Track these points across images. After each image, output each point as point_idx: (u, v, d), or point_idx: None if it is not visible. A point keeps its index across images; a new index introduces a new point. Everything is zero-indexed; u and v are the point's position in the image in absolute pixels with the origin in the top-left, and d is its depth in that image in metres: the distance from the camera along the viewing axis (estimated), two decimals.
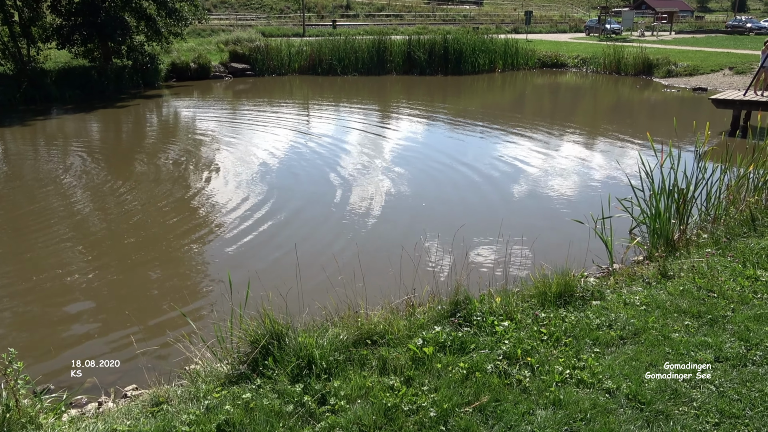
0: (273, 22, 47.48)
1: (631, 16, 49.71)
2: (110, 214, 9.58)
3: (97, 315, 6.43)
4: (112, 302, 6.67)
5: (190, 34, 32.34)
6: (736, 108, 15.13)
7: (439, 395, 3.75)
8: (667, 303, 4.92)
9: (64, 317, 6.40)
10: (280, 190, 10.77)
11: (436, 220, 9.01)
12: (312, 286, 6.54)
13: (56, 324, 6.26)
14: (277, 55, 30.23)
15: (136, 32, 24.99)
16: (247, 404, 3.76)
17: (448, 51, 30.96)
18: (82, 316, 6.41)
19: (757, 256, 5.79)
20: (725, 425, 3.44)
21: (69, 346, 5.86)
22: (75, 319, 6.37)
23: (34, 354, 5.68)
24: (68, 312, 6.50)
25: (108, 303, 6.66)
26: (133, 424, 3.73)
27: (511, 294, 5.15)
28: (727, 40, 39.94)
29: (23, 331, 6.15)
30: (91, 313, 6.48)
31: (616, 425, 3.45)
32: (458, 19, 56.57)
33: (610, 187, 10.46)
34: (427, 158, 13.14)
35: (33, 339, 5.98)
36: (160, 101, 22.72)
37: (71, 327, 6.20)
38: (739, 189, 7.86)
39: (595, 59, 31.04)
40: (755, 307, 4.77)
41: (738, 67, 24.83)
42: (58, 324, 6.26)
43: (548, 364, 4.08)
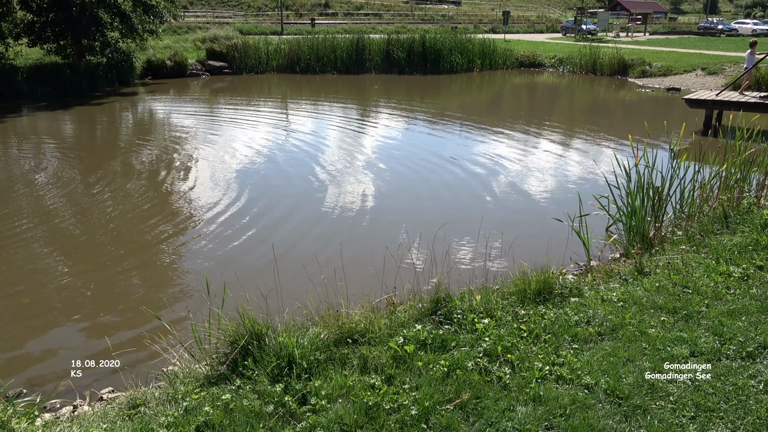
0: (251, 19, 47.06)
1: (606, 17, 50.41)
2: (85, 214, 9.40)
3: (71, 317, 6.29)
4: (87, 304, 6.54)
5: (165, 31, 31.87)
6: (709, 108, 15.44)
7: (421, 393, 3.75)
8: (644, 299, 5.00)
9: (37, 320, 6.25)
10: (259, 189, 10.68)
11: (416, 219, 9.03)
12: (292, 286, 6.49)
13: (29, 327, 6.11)
14: (255, 53, 29.98)
15: (110, 29, 24.55)
16: (226, 405, 3.71)
17: (426, 50, 31.05)
18: (56, 319, 6.27)
19: (730, 252, 5.91)
20: (701, 418, 3.50)
21: (42, 349, 5.72)
22: (49, 322, 6.23)
23: (6, 358, 5.54)
24: (42, 315, 6.35)
25: (83, 305, 6.53)
26: (110, 427, 3.66)
27: (491, 292, 5.18)
28: (700, 42, 40.77)
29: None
30: (65, 315, 6.34)
31: (594, 420, 3.49)
32: (437, 19, 56.77)
33: (587, 186, 10.59)
34: (406, 158, 13.15)
35: (3, 342, 5.83)
36: (135, 99, 22.36)
37: (45, 330, 6.06)
38: (711, 187, 8.02)
39: (572, 59, 31.42)
40: (728, 303, 4.87)
41: (710, 68, 25.35)
42: (31, 327, 6.11)
43: (528, 360, 4.11)
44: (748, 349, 4.16)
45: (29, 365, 5.43)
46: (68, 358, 5.50)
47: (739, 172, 8.02)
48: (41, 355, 5.62)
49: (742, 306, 4.79)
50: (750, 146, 8.29)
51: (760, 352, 4.15)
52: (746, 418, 3.48)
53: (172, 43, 30.46)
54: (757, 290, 5.05)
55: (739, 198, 7.52)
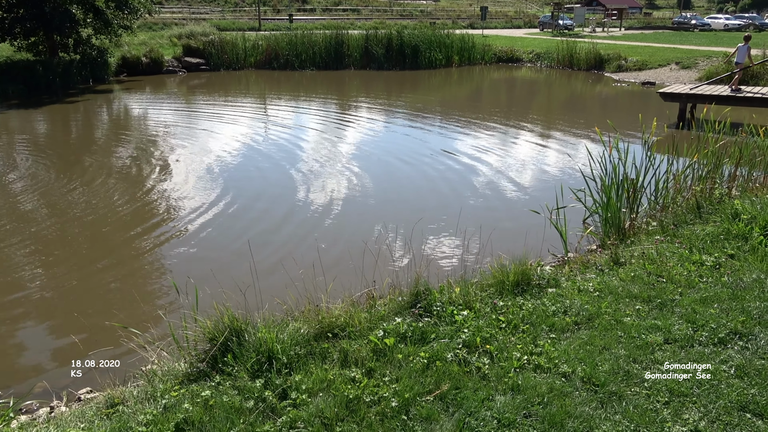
0: (228, 15, 46.59)
1: (582, 13, 50.97)
2: (58, 213, 9.23)
3: (46, 318, 6.19)
4: (62, 304, 6.44)
5: (141, 27, 31.43)
6: (683, 101, 15.71)
7: (401, 385, 3.77)
8: (619, 289, 5.09)
9: (10, 321, 6.14)
10: (237, 185, 10.61)
11: (395, 213, 9.05)
12: (271, 282, 6.47)
13: (2, 328, 6.00)
14: (233, 49, 29.69)
15: (83, 25, 24.09)
16: (206, 402, 3.69)
17: (405, 46, 31.05)
18: (30, 320, 6.16)
19: (703, 242, 6.04)
20: (674, 403, 3.58)
21: (17, 351, 5.63)
22: (23, 323, 6.11)
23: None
24: (15, 316, 6.24)
25: (57, 305, 6.43)
26: (87, 426, 3.63)
27: (470, 284, 5.22)
28: (674, 36, 41.40)
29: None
30: (39, 315, 6.23)
31: (572, 407, 3.55)
32: (415, 14, 56.79)
33: (564, 179, 10.71)
34: (385, 152, 13.17)
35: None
36: (110, 96, 22.01)
37: (19, 331, 5.96)
38: (685, 178, 8.19)
39: (549, 54, 31.69)
40: (701, 291, 4.98)
41: (684, 62, 25.76)
42: (5, 328, 6.00)
43: (506, 350, 4.16)
44: (719, 336, 4.26)
45: (3, 367, 5.33)
46: (44, 359, 5.42)
47: (711, 163, 8.19)
48: (16, 356, 5.53)
49: (714, 294, 4.90)
50: (721, 138, 8.48)
51: (731, 338, 4.26)
52: (718, 402, 3.57)
53: (148, 39, 30.00)
54: (728, 278, 5.17)
55: (711, 189, 7.68)
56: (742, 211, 6.42)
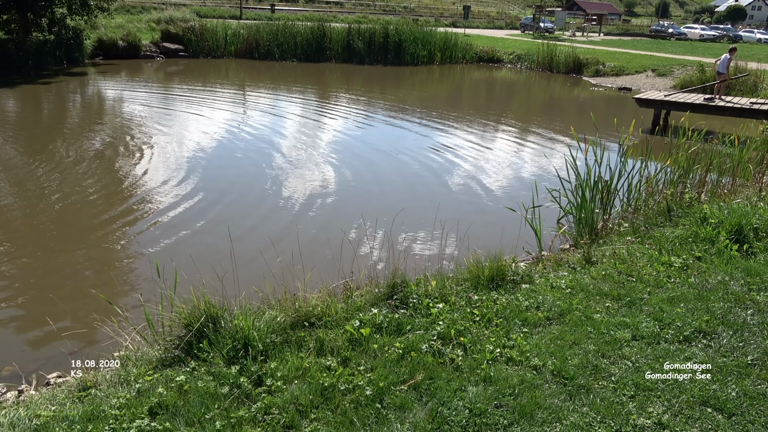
0: (209, 2, 45.92)
1: (563, 17, 51.59)
2: (29, 198, 9.04)
3: (16, 301, 6.07)
4: (33, 289, 6.32)
5: (118, 10, 30.79)
6: (657, 107, 16.07)
7: (375, 374, 3.82)
8: (590, 286, 5.22)
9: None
10: (215, 175, 10.52)
11: (373, 207, 9.09)
12: (249, 271, 6.45)
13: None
14: (213, 36, 29.31)
15: (58, 4, 23.50)
16: (180, 387, 3.69)
17: (388, 41, 31.05)
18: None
19: (672, 243, 6.21)
20: (640, 397, 3.70)
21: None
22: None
23: None
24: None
25: (28, 290, 6.31)
26: (59, 409, 3.59)
27: (446, 278, 5.30)
28: (651, 44, 42.24)
29: None
30: (9, 300, 6.11)
31: (541, 399, 3.65)
32: (398, 10, 56.79)
33: (540, 179, 10.88)
34: (365, 146, 13.19)
35: None
36: (85, 79, 21.54)
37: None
38: (657, 182, 8.40)
39: (530, 56, 32.03)
40: (668, 290, 5.14)
41: (660, 70, 26.30)
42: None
43: (480, 343, 4.24)
44: (684, 334, 4.41)
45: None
46: (13, 343, 5.33)
47: (682, 169, 8.42)
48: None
49: (681, 294, 5.06)
50: (693, 145, 8.72)
51: (695, 336, 4.41)
52: (681, 396, 3.70)
53: (125, 22, 29.44)
54: (695, 279, 5.34)
55: (681, 193, 7.89)
56: (710, 216, 6.63)
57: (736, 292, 5.06)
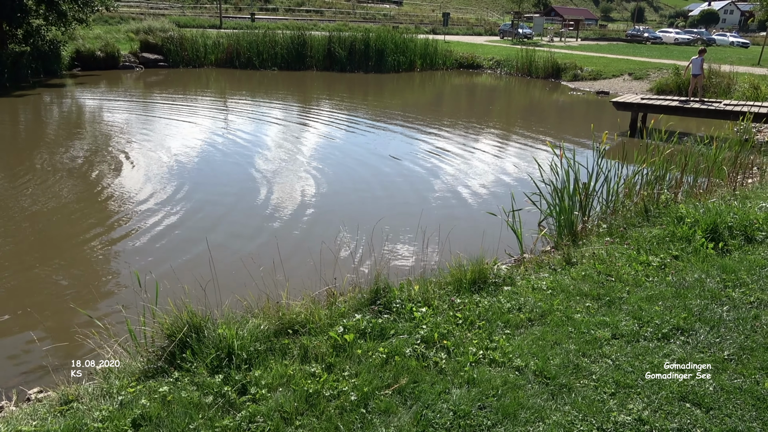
0: (188, 12, 45.76)
1: (541, 22, 52.31)
2: (8, 211, 8.92)
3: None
4: (12, 304, 6.23)
5: (96, 21, 30.52)
6: (634, 110, 16.33)
7: (360, 380, 3.84)
8: (571, 287, 5.29)
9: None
10: (195, 185, 10.47)
11: (355, 214, 9.11)
12: (231, 280, 6.43)
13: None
14: (192, 46, 29.22)
15: (35, 15, 23.24)
16: (164, 397, 3.67)
17: (369, 49, 31.17)
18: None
19: (650, 243, 6.33)
20: (620, 395, 3.77)
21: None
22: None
23: None
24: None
25: (7, 305, 6.22)
26: (40, 424, 3.55)
27: (429, 282, 5.34)
28: (627, 48, 42.95)
29: None
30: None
31: (524, 399, 3.69)
32: (378, 18, 57.09)
33: (521, 183, 11.00)
34: (346, 154, 13.22)
35: None
36: (63, 91, 21.31)
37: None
38: (634, 184, 8.55)
39: (509, 62, 32.39)
40: (647, 289, 5.23)
41: (636, 73, 26.75)
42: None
43: (463, 346, 4.28)
44: (663, 331, 4.49)
45: None
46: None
47: (658, 170, 8.58)
48: None
49: (659, 292, 5.15)
50: (669, 147, 8.90)
51: (674, 333, 4.49)
52: (660, 393, 3.77)
53: (103, 33, 29.22)
54: (672, 278, 5.45)
55: (658, 194, 8.03)
56: (686, 215, 6.76)
57: (712, 289, 5.17)
